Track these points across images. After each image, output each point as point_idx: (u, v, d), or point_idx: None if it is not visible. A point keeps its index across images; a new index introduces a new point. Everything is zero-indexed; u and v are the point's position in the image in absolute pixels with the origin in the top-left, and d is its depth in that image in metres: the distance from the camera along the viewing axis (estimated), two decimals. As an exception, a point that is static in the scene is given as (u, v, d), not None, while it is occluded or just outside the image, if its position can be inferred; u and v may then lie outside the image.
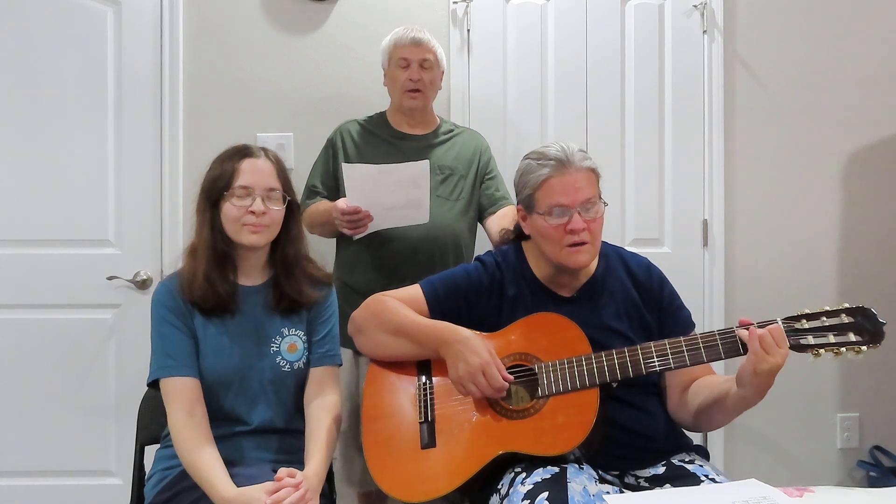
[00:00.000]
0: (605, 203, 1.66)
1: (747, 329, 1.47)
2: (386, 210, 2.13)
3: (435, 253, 2.23)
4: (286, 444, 1.70)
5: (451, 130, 2.41)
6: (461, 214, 2.31)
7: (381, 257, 2.24)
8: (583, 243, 1.62)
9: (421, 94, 2.29)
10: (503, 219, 2.26)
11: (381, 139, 2.35)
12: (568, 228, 1.61)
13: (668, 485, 1.55)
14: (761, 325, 1.47)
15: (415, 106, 2.31)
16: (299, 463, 1.61)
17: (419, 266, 2.20)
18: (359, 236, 2.21)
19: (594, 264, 1.72)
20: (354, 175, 2.10)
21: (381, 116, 2.41)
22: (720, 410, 1.56)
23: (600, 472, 1.56)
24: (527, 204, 1.69)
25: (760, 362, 1.41)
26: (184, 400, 1.59)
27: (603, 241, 1.72)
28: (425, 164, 2.09)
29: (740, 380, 1.46)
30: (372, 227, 2.18)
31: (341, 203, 2.12)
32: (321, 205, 2.27)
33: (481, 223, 2.38)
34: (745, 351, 1.46)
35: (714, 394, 1.57)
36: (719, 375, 1.65)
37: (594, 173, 1.67)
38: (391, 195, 2.10)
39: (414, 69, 2.27)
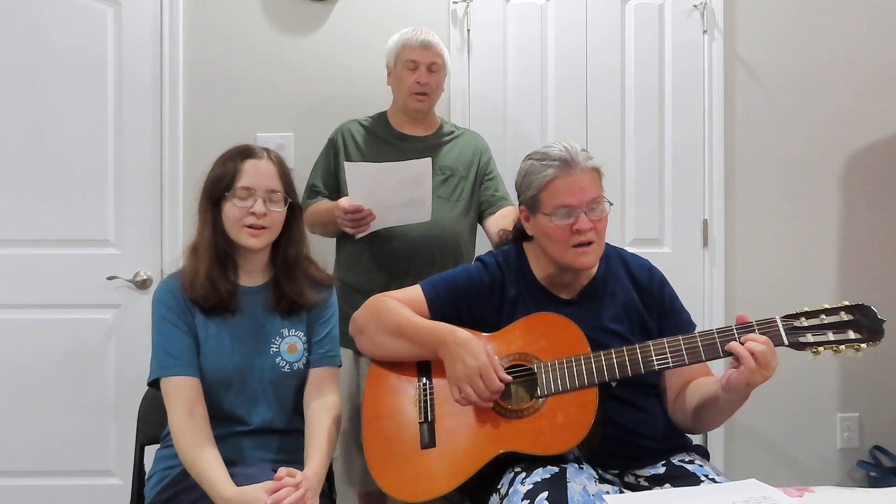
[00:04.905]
0: (609, 203, 1.66)
1: (747, 326, 1.47)
2: (388, 209, 2.13)
3: (435, 252, 2.24)
4: (286, 444, 1.70)
5: (452, 132, 2.41)
6: (462, 215, 2.31)
7: (381, 256, 2.24)
8: (589, 243, 1.62)
9: (427, 97, 2.30)
10: (503, 219, 2.25)
11: (382, 140, 2.35)
12: (574, 228, 1.61)
13: (667, 484, 1.55)
14: (760, 323, 1.47)
15: (420, 108, 2.32)
16: (299, 463, 1.61)
17: (419, 265, 2.21)
18: (360, 235, 2.21)
19: (595, 266, 1.72)
20: (357, 174, 2.10)
21: (383, 117, 2.41)
22: (710, 413, 1.57)
23: (600, 472, 1.56)
24: (531, 205, 1.68)
25: (756, 376, 1.42)
26: (184, 399, 1.59)
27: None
28: (427, 161, 2.10)
29: (730, 389, 1.46)
30: (374, 226, 2.18)
31: (344, 202, 2.12)
32: (322, 204, 2.28)
33: (480, 223, 2.39)
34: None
35: (704, 397, 1.57)
36: (710, 378, 1.64)
37: (598, 173, 1.67)
38: (393, 193, 2.10)
39: (422, 72, 2.28)
